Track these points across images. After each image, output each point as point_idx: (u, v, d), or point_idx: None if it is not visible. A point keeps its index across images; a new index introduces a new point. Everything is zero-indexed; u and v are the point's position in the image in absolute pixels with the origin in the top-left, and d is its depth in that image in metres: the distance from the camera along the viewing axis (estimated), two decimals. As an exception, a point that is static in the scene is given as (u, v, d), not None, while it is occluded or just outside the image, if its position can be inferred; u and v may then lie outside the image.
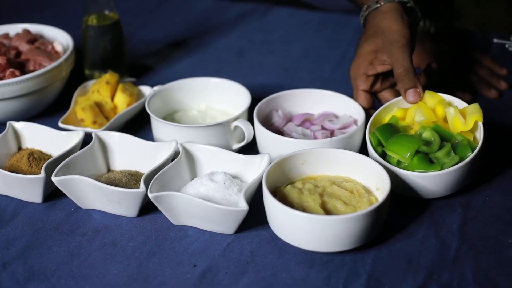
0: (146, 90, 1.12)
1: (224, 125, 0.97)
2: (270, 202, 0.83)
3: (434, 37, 1.24)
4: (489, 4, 2.70)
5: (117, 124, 1.05)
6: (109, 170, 0.98)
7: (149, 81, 1.22)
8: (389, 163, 0.89)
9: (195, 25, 1.44)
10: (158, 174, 0.88)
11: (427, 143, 0.90)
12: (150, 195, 0.85)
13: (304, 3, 1.52)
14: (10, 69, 1.06)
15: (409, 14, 1.02)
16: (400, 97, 0.97)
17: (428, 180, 0.88)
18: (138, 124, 1.10)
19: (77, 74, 1.19)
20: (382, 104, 1.00)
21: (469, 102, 1.12)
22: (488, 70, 1.18)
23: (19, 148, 1.01)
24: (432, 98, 0.95)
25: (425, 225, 0.89)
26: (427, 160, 0.89)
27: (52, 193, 0.94)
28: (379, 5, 1.02)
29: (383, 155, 0.91)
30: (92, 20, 1.16)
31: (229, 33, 1.40)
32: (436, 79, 1.09)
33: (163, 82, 1.19)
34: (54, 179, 0.88)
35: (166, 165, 0.91)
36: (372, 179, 0.89)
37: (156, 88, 1.07)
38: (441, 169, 0.88)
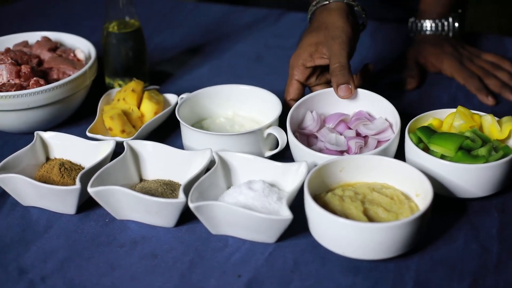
0: (170, 97, 1.11)
1: (257, 132, 0.96)
2: (315, 210, 0.83)
3: (452, 41, 1.24)
4: (479, 6, 2.74)
5: (145, 133, 1.04)
6: (141, 179, 0.97)
7: (169, 88, 1.21)
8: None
9: (209, 31, 1.43)
10: (196, 183, 0.87)
11: (470, 140, 0.92)
12: (191, 205, 0.84)
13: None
14: (34, 78, 1.05)
15: (355, 17, 1.06)
16: (439, 110, 0.99)
17: (473, 173, 0.89)
18: (163, 132, 1.08)
19: (96, 82, 1.17)
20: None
21: (492, 106, 1.14)
22: (508, 74, 1.18)
23: (47, 159, 1.00)
24: (465, 111, 0.96)
25: (464, 230, 0.89)
26: (471, 156, 0.90)
27: (84, 204, 0.93)
28: (327, 2, 1.05)
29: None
30: (113, 27, 1.14)
31: (244, 38, 1.39)
32: (371, 80, 1.11)
33: (184, 89, 1.18)
34: (90, 190, 0.87)
35: (202, 174, 0.90)
36: (410, 185, 0.89)
37: (183, 95, 1.05)
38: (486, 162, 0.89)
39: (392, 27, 1.42)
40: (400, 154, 0.97)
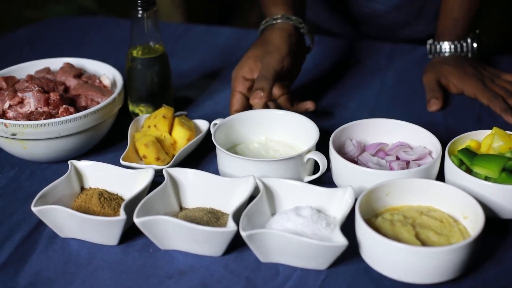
0: (200, 123, 1.10)
1: (297, 158, 0.96)
2: (369, 236, 0.82)
3: (472, 61, 1.26)
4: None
5: (179, 160, 1.02)
6: (181, 208, 0.95)
7: (193, 114, 1.19)
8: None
9: (225, 55, 1.42)
10: (245, 211, 0.86)
11: None
12: (243, 234, 0.82)
13: (324, 30, 1.53)
14: (64, 106, 1.02)
15: (300, 37, 1.15)
16: (475, 131, 1.00)
17: None
18: (194, 158, 1.07)
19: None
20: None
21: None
22: (530, 93, 1.20)
23: (82, 188, 0.97)
24: (501, 132, 0.97)
25: (511, 251, 0.89)
26: None
27: (123, 234, 0.91)
28: (275, 22, 1.13)
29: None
30: (138, 52, 1.13)
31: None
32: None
33: (208, 114, 1.17)
34: (136, 220, 0.85)
35: (246, 201, 0.89)
36: (456, 208, 0.89)
37: (217, 121, 1.04)
38: None
39: (406, 48, 1.43)
40: (437, 176, 0.97)
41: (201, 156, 1.08)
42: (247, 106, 1.10)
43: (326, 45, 1.43)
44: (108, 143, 1.11)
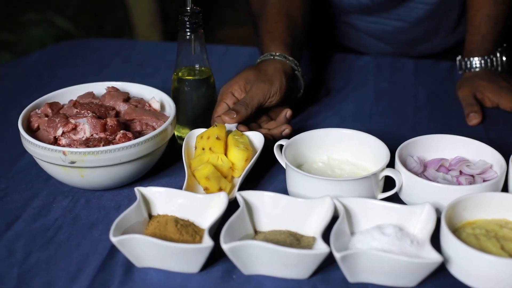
0: (250, 134, 1.07)
1: (372, 177, 0.95)
2: (463, 250, 0.83)
3: (504, 75, 1.29)
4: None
5: (241, 182, 1.01)
6: (255, 231, 0.93)
7: (237, 133, 1.18)
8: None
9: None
10: (332, 232, 0.85)
11: None
12: (337, 255, 0.82)
13: (342, 47, 1.54)
14: (122, 131, 1.00)
15: (294, 78, 1.17)
16: None
17: None
18: (252, 177, 1.05)
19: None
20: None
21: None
22: None
23: (150, 216, 0.94)
24: None
25: None
26: None
27: (201, 261, 0.89)
28: (272, 58, 1.17)
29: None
30: (184, 73, 1.11)
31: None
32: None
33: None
34: (225, 246, 0.83)
35: (327, 222, 0.89)
36: (531, 219, 0.91)
37: (282, 143, 1.03)
38: None
39: (428, 63, 1.45)
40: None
41: (259, 174, 1.06)
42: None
43: (351, 63, 1.44)
44: (158, 167, 1.08)
